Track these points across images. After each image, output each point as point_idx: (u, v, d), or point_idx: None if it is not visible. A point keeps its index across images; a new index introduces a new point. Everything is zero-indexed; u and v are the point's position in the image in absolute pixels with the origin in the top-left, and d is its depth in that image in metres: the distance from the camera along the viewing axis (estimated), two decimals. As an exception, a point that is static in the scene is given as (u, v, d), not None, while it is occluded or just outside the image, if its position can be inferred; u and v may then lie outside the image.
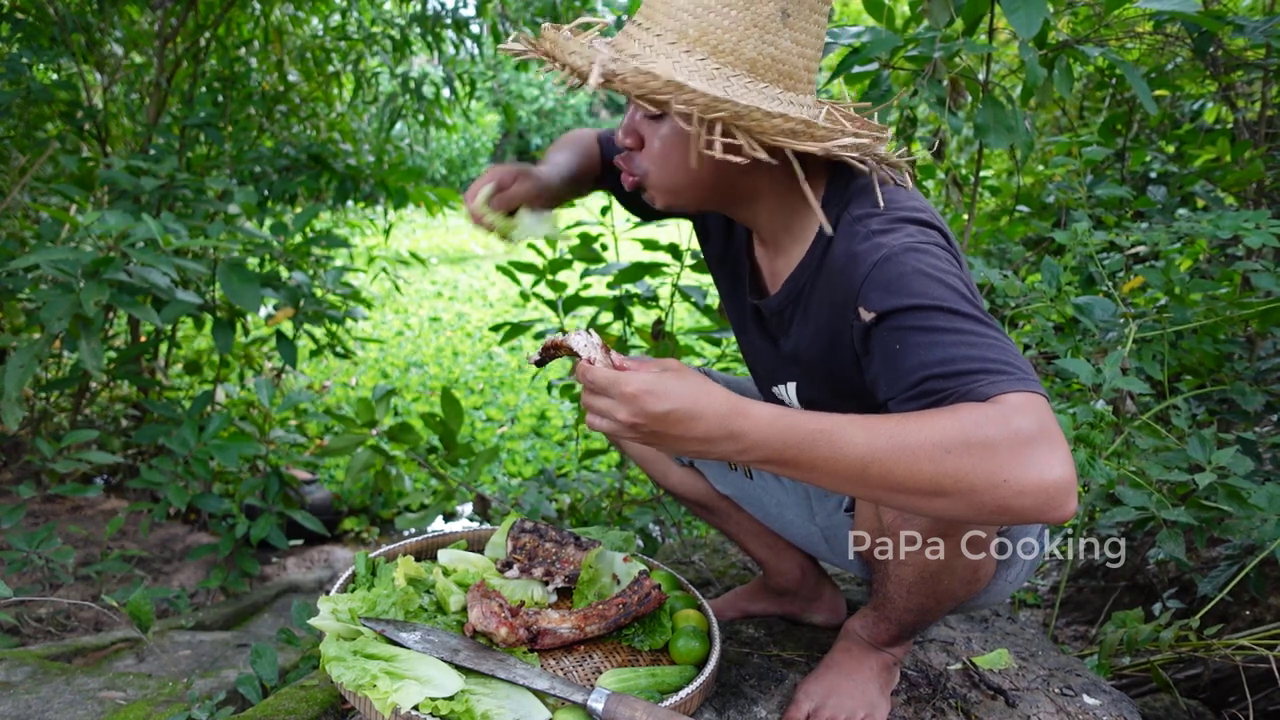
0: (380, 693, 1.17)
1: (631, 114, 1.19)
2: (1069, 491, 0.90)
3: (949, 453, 0.90)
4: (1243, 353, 2.31)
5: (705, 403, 0.98)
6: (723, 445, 0.98)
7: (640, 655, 1.43)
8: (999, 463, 0.89)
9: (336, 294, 3.22)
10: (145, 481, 2.58)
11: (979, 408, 0.93)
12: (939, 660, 1.59)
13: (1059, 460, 0.90)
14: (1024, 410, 0.92)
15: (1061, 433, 0.93)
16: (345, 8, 4.71)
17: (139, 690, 1.71)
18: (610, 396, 1.01)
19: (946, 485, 0.91)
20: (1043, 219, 3.29)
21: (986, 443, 0.90)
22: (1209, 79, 2.93)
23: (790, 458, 0.96)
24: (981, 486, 0.90)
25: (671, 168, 1.18)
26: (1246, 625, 2.04)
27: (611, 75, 1.02)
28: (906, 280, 1.03)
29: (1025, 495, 0.89)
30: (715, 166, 1.14)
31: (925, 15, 2.18)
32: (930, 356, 0.98)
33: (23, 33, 3.35)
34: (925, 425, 0.92)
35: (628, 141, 1.21)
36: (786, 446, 0.96)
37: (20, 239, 3.36)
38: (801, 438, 0.96)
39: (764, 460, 0.98)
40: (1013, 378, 0.96)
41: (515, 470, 4.79)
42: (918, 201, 1.17)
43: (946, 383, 0.96)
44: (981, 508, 0.91)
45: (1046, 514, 0.90)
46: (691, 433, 0.98)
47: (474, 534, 1.72)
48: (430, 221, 12.19)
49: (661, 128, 1.16)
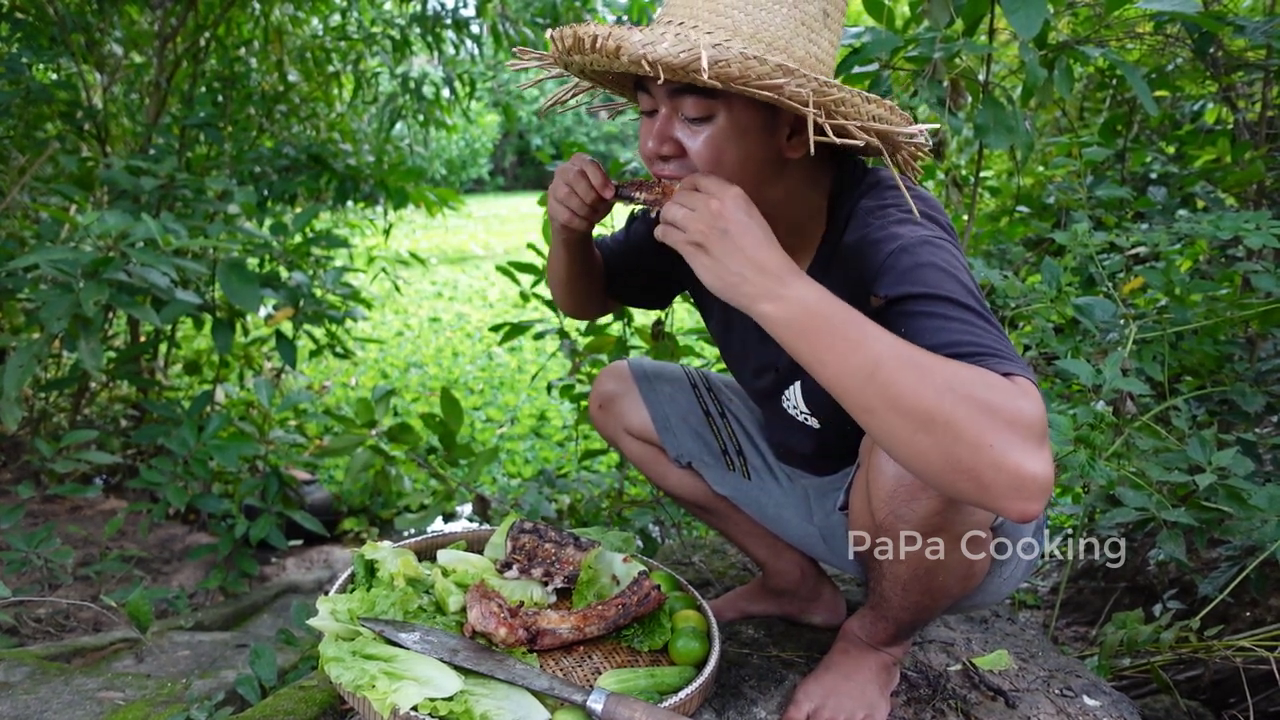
0: (379, 693, 1.17)
1: (665, 122, 1.14)
2: (1042, 491, 0.90)
3: (954, 391, 0.90)
4: (1243, 354, 2.31)
5: (773, 241, 1.03)
6: (768, 280, 1.00)
7: (640, 656, 1.43)
8: (993, 427, 0.89)
9: (336, 294, 3.21)
10: (145, 482, 2.58)
11: (995, 374, 0.93)
12: (939, 661, 1.59)
13: (1044, 459, 0.90)
14: (1032, 398, 0.93)
15: (1050, 441, 0.94)
16: (345, 8, 4.71)
17: (138, 691, 1.71)
18: (709, 192, 1.04)
19: (937, 421, 0.90)
20: (1043, 220, 3.28)
21: (990, 404, 0.90)
22: (1209, 80, 2.93)
23: (814, 326, 0.98)
24: (967, 439, 0.89)
25: (725, 169, 1.13)
26: (1247, 626, 2.03)
27: (717, 60, 0.97)
28: (920, 271, 1.05)
29: (1000, 471, 0.89)
30: (761, 166, 1.15)
31: (925, 16, 2.18)
32: (939, 339, 0.99)
33: (23, 33, 3.35)
34: (945, 363, 0.94)
35: (664, 150, 1.15)
36: (818, 314, 0.98)
37: (20, 239, 3.35)
38: (834, 311, 0.98)
39: (789, 318, 0.99)
40: (1020, 367, 0.97)
41: (515, 471, 4.79)
42: (926, 196, 1.18)
43: None
44: (955, 463, 0.90)
45: (1009, 500, 0.90)
46: (755, 253, 1.01)
47: (473, 534, 1.72)
48: (430, 222, 12.16)
49: (704, 131, 1.12)
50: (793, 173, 1.20)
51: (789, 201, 1.23)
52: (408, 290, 8.77)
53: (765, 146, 1.15)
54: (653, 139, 1.15)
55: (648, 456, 1.68)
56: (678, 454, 1.63)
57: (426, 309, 8.30)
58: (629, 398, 1.66)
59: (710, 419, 1.65)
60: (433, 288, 9.16)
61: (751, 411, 1.67)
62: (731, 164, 1.13)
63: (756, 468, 1.62)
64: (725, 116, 1.11)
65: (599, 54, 1.06)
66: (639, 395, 1.65)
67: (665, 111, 1.14)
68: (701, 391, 1.67)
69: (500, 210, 15.14)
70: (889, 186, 1.21)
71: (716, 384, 1.70)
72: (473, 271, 10.11)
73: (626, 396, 1.66)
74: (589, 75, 1.26)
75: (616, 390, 1.68)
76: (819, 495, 1.56)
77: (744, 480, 1.62)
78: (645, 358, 2.00)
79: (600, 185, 1.26)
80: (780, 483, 1.61)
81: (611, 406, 1.68)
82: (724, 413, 1.66)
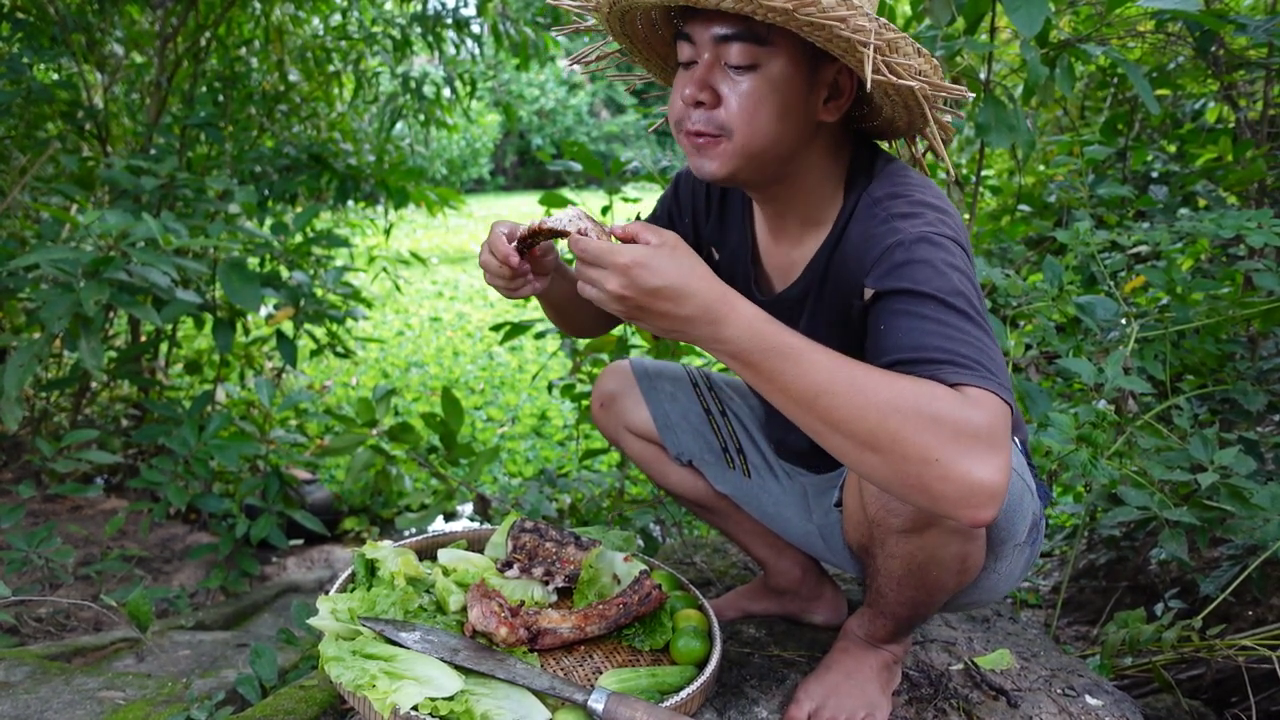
0: (379, 693, 1.17)
1: (707, 69, 1.12)
2: (992, 498, 0.91)
3: (897, 412, 0.92)
4: (1245, 352, 2.30)
5: (695, 284, 0.98)
6: (701, 329, 0.99)
7: (641, 655, 1.43)
8: (937, 441, 0.90)
9: (337, 294, 3.22)
10: (145, 481, 2.58)
11: (941, 387, 0.94)
12: (941, 660, 1.59)
13: (994, 465, 0.91)
14: (981, 406, 0.93)
15: (1009, 445, 0.94)
16: (346, 7, 4.71)
17: (138, 690, 1.71)
18: (602, 267, 1.00)
19: (882, 442, 0.92)
20: (1044, 218, 3.28)
21: (934, 418, 0.91)
22: (1211, 78, 2.93)
23: (756, 361, 0.98)
24: (912, 456, 0.91)
25: (760, 123, 1.11)
26: (1249, 625, 2.03)
27: None
28: (911, 267, 1.05)
29: (948, 482, 0.90)
30: (795, 127, 1.14)
31: (927, 14, 2.18)
32: (906, 341, 1.00)
33: (24, 33, 3.35)
34: (887, 382, 0.94)
35: (702, 96, 1.12)
36: (756, 349, 0.98)
37: (21, 239, 3.35)
38: (772, 346, 0.98)
39: (732, 355, 1.00)
40: (979, 375, 0.97)
41: (515, 470, 4.79)
42: (934, 188, 1.18)
43: (912, 369, 0.98)
44: (904, 478, 0.92)
45: (960, 510, 0.92)
46: (677, 311, 0.99)
47: (474, 534, 1.72)
48: (431, 221, 12.19)
49: (746, 81, 1.10)
50: (820, 141, 1.20)
51: (811, 170, 1.23)
52: (408, 290, 8.77)
53: (802, 105, 1.14)
54: (692, 84, 1.13)
55: (649, 455, 1.68)
56: (678, 452, 1.63)
57: (427, 308, 8.30)
58: (630, 397, 1.66)
59: (711, 417, 1.65)
60: (433, 287, 9.16)
61: (751, 409, 1.67)
62: (767, 118, 1.12)
63: (757, 466, 1.62)
64: (769, 67, 1.09)
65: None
66: (640, 394, 1.65)
67: (709, 58, 1.12)
68: (702, 390, 1.67)
69: (501, 210, 15.13)
70: (899, 176, 1.21)
71: (717, 382, 1.70)
72: (474, 271, 10.10)
73: (628, 395, 1.66)
74: (626, 31, 1.25)
75: (618, 389, 1.68)
76: (817, 493, 1.56)
77: (744, 478, 1.62)
78: (646, 357, 2.00)
79: (504, 254, 1.21)
80: (780, 481, 1.61)
81: (613, 405, 1.68)
82: (724, 411, 1.66)
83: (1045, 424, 1.83)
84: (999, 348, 1.04)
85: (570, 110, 18.60)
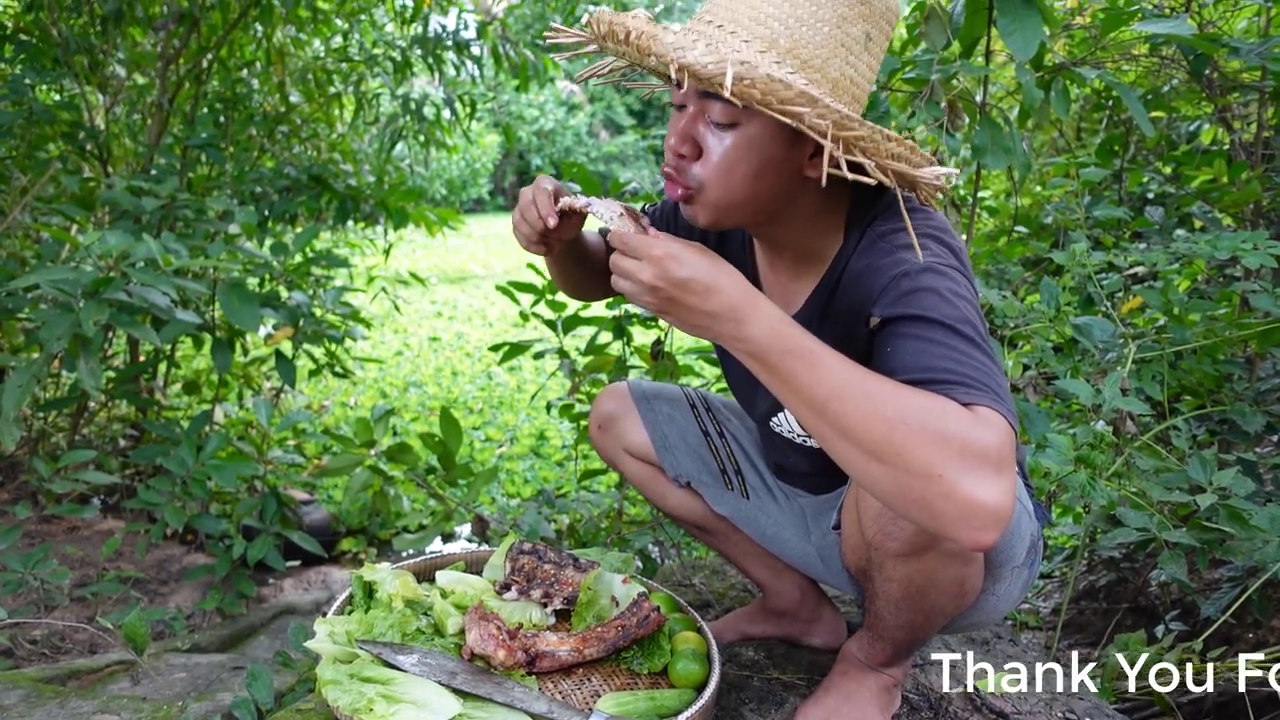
0: (376, 716, 1.16)
1: (691, 120, 1.13)
2: (995, 520, 0.90)
3: (905, 424, 0.92)
4: (1242, 373, 2.31)
5: (724, 280, 1.02)
6: (726, 325, 1.02)
7: (639, 678, 1.42)
8: (943, 457, 0.90)
9: (336, 314, 3.22)
10: (143, 502, 2.57)
11: (953, 404, 0.94)
12: (940, 683, 1.58)
13: (1000, 488, 0.90)
14: (990, 426, 0.93)
15: (1014, 470, 0.93)
16: (347, 30, 4.75)
17: (134, 713, 1.70)
18: (638, 257, 1.04)
19: (887, 453, 0.92)
20: (1041, 240, 3.29)
21: (942, 433, 0.91)
22: (1205, 101, 2.95)
23: (774, 362, 1.00)
24: (916, 470, 0.90)
25: (734, 180, 1.13)
26: (1250, 648, 2.02)
27: (741, 78, 0.96)
28: (919, 295, 1.06)
29: (950, 500, 0.90)
30: (775, 184, 1.15)
31: (922, 38, 2.20)
32: (914, 362, 1.00)
33: (26, 54, 3.37)
34: (899, 394, 0.95)
35: (683, 149, 1.14)
36: (776, 350, 1.00)
37: (21, 259, 3.36)
38: (791, 348, 0.99)
39: (752, 354, 1.02)
40: (989, 397, 0.96)
41: (514, 491, 4.78)
42: (937, 220, 1.18)
43: (923, 389, 0.98)
44: (907, 492, 0.92)
45: (962, 530, 0.91)
46: (704, 305, 1.02)
47: (472, 555, 1.71)
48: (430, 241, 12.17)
49: (727, 137, 1.11)
50: (811, 189, 1.20)
51: (803, 218, 1.23)
52: (407, 310, 8.78)
53: (786, 161, 1.14)
54: (676, 135, 1.14)
55: (647, 476, 1.68)
56: (676, 473, 1.63)
57: (426, 328, 8.32)
58: (628, 418, 1.66)
59: (709, 439, 1.65)
60: (432, 307, 9.18)
61: (750, 431, 1.67)
62: (741, 177, 1.13)
63: (755, 487, 1.62)
64: (750, 126, 1.10)
65: (630, 48, 1.07)
66: (638, 416, 1.65)
67: (693, 110, 1.13)
68: (700, 411, 1.67)
69: (500, 230, 15.18)
70: (904, 210, 1.21)
71: (715, 404, 1.70)
72: (472, 291, 10.13)
73: (626, 417, 1.66)
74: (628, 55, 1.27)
75: (616, 411, 1.68)
76: (815, 514, 1.56)
77: (742, 500, 1.62)
78: (644, 379, 2.00)
79: (545, 213, 1.24)
80: (779, 502, 1.60)
81: (611, 427, 1.69)
82: (722, 432, 1.66)
83: (1043, 445, 1.83)
84: (1005, 376, 1.05)
85: (569, 131, 18.72)
